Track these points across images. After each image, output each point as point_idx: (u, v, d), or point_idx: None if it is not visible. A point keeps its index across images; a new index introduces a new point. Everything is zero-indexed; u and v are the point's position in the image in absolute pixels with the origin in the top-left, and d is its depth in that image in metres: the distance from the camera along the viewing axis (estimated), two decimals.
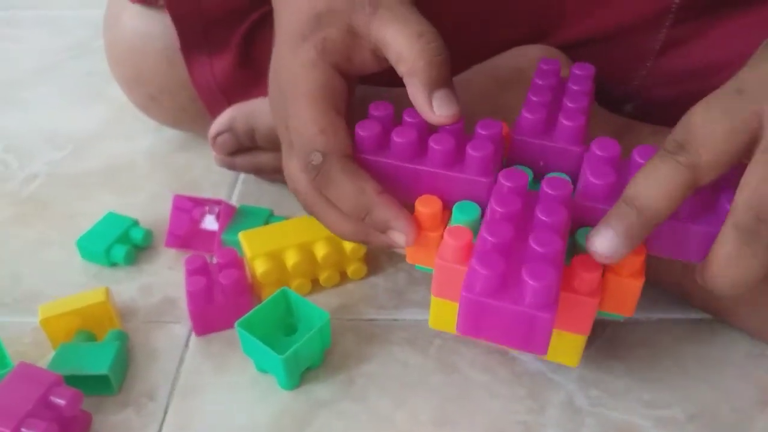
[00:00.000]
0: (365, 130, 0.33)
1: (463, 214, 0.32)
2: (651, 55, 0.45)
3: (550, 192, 0.31)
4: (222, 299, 0.41)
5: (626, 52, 0.46)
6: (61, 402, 0.34)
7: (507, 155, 0.35)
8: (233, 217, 0.48)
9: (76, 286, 0.45)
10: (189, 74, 0.48)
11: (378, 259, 0.47)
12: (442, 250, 0.31)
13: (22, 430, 0.32)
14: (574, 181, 0.33)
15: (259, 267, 0.42)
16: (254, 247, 0.43)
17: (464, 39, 0.48)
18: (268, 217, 0.49)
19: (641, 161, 0.31)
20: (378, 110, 0.34)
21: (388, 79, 0.47)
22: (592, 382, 0.38)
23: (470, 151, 0.32)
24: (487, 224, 0.30)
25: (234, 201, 0.53)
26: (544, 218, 0.30)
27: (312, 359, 0.39)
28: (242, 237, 0.44)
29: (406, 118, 0.34)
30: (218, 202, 0.48)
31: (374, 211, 0.32)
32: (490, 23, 0.48)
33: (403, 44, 0.32)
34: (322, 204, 0.34)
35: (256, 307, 0.39)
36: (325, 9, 0.34)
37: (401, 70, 0.33)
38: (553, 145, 0.33)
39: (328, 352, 0.40)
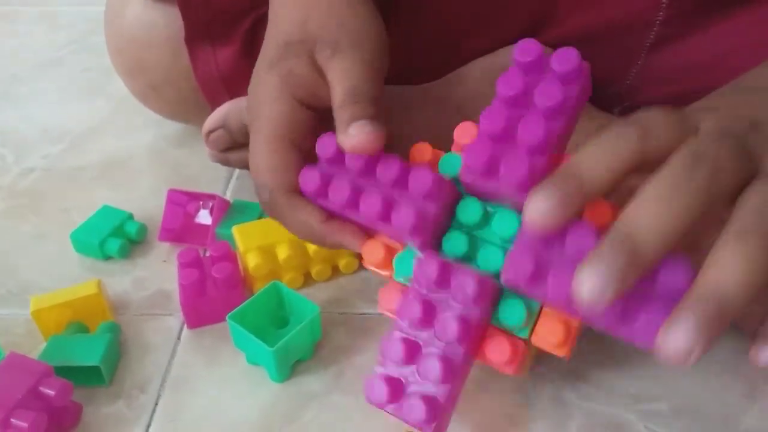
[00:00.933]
0: (307, 181, 0.33)
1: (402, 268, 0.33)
2: (642, 53, 0.45)
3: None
4: (214, 292, 0.41)
5: (617, 50, 0.46)
6: (50, 392, 0.34)
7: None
8: (227, 211, 0.49)
9: (71, 279, 0.46)
10: (192, 65, 0.49)
11: None
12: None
13: (12, 420, 0.33)
14: None
15: (251, 260, 0.42)
16: (247, 241, 0.43)
17: (456, 37, 0.48)
18: (262, 212, 0.50)
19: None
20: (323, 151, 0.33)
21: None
22: (580, 375, 0.38)
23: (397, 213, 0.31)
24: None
25: (229, 196, 0.53)
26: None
27: (303, 352, 0.39)
28: (235, 231, 0.44)
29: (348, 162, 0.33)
30: (212, 197, 0.48)
31: (324, 238, 0.35)
32: (481, 21, 0.48)
33: (338, 95, 0.34)
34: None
35: (248, 301, 0.39)
36: (296, 39, 0.35)
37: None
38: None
39: (319, 345, 0.41)
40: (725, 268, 0.23)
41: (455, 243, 0.31)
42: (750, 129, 0.27)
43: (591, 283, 0.23)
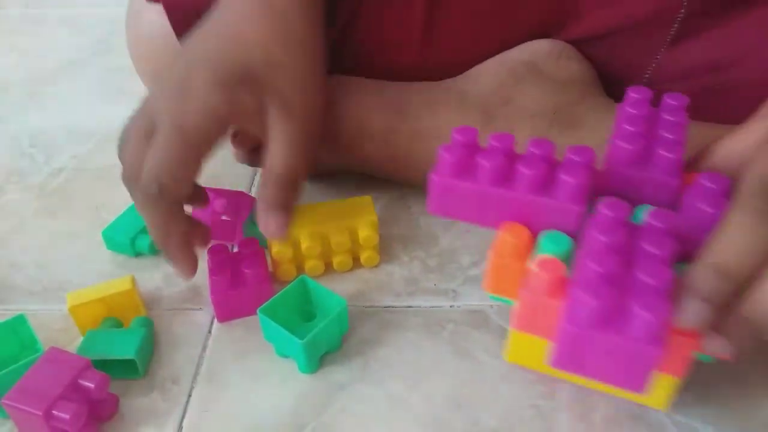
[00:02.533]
0: (450, 153, 0.32)
1: (554, 245, 0.31)
2: (661, 49, 0.46)
3: (655, 224, 0.29)
4: (244, 287, 0.42)
5: (637, 45, 0.46)
6: (90, 385, 0.35)
7: (595, 186, 0.33)
8: (253, 206, 0.50)
9: (103, 275, 0.47)
10: None
11: (393, 248, 0.48)
12: (531, 282, 0.30)
13: (54, 412, 0.34)
14: None
15: (274, 246, 0.44)
16: None
17: (476, 32, 0.49)
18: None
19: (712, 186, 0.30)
20: (462, 134, 0.33)
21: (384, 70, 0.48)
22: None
23: (563, 177, 0.30)
24: (590, 254, 0.28)
25: (253, 194, 0.54)
26: (652, 250, 0.28)
27: (330, 344, 0.40)
28: None
29: (493, 143, 0.32)
30: (239, 194, 0.49)
31: (168, 247, 0.40)
32: (501, 17, 0.48)
33: (277, 164, 0.39)
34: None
35: (277, 295, 0.40)
36: (257, 62, 0.39)
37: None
38: (650, 176, 0.32)
39: (345, 338, 0.42)
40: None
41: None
42: None
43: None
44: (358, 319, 0.43)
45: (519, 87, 0.47)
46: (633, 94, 0.36)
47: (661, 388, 0.34)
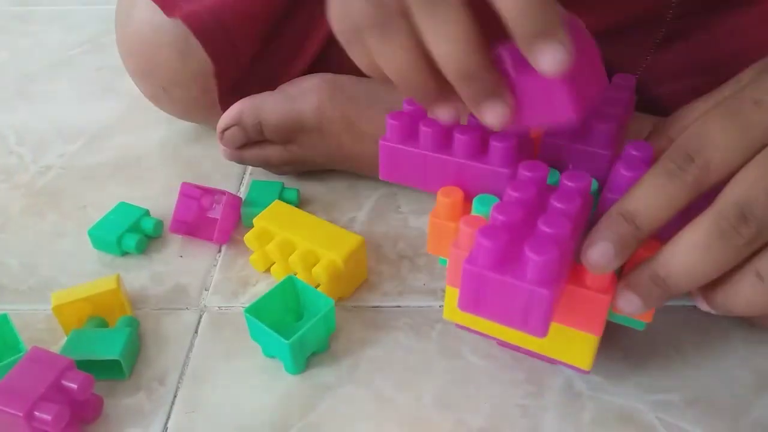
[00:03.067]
0: (396, 119, 0.34)
1: (483, 206, 0.33)
2: (651, 50, 0.45)
3: (568, 183, 0.31)
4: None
5: (626, 46, 0.46)
6: (73, 386, 0.35)
7: (536, 156, 0.35)
8: (249, 190, 0.51)
9: (89, 274, 0.47)
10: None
11: (382, 247, 0.48)
12: (457, 238, 0.32)
13: (35, 413, 0.34)
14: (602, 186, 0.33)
15: (249, 233, 0.45)
16: (262, 218, 0.45)
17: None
18: (281, 190, 0.51)
19: (636, 153, 0.31)
20: (411, 103, 0.35)
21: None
22: (591, 366, 0.39)
23: (493, 143, 0.32)
24: (498, 205, 0.30)
25: (242, 194, 0.54)
26: (557, 204, 0.30)
27: (317, 344, 0.40)
28: (271, 207, 0.46)
29: None
30: (223, 193, 0.49)
31: (482, 72, 0.27)
32: (489, 19, 0.48)
33: None
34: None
35: (264, 295, 0.40)
36: None
37: None
38: (583, 148, 0.34)
39: (333, 338, 0.41)
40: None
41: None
42: None
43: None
44: (346, 319, 0.43)
45: None
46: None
47: (581, 347, 0.34)
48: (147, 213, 0.50)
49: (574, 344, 0.35)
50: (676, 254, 0.28)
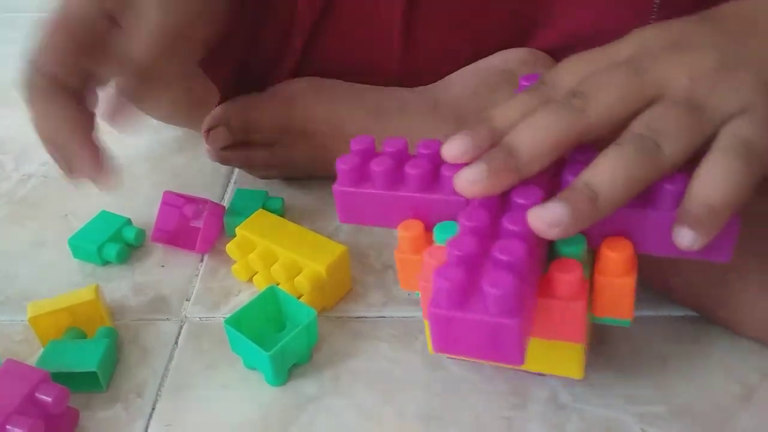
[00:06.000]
0: (346, 164, 0.34)
1: (445, 234, 0.32)
2: None
3: (519, 201, 0.30)
4: None
5: None
6: (47, 399, 0.34)
7: None
8: (233, 198, 0.50)
9: (70, 285, 0.46)
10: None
11: (367, 256, 0.47)
12: (424, 271, 0.32)
13: (8, 427, 0.33)
14: None
15: (231, 242, 0.45)
16: (245, 227, 0.45)
17: (449, 39, 0.49)
18: (266, 199, 0.51)
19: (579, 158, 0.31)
20: (358, 144, 0.35)
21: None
22: (574, 378, 0.38)
23: (445, 173, 0.32)
24: (452, 238, 0.29)
25: (225, 202, 0.54)
26: (510, 227, 0.29)
27: (299, 356, 0.39)
28: (254, 216, 0.46)
29: (386, 148, 0.34)
30: (206, 201, 0.48)
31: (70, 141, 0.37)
32: (472, 25, 0.48)
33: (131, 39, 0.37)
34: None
35: (244, 305, 0.39)
36: None
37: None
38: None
39: (315, 349, 0.41)
40: (597, 167, 0.28)
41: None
42: (667, 48, 0.30)
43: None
44: (329, 329, 0.42)
45: (494, 95, 0.47)
46: (524, 82, 0.38)
47: (568, 357, 0.34)
48: (129, 222, 0.50)
49: (560, 355, 0.34)
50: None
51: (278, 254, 0.43)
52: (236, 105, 0.50)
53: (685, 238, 0.28)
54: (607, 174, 0.28)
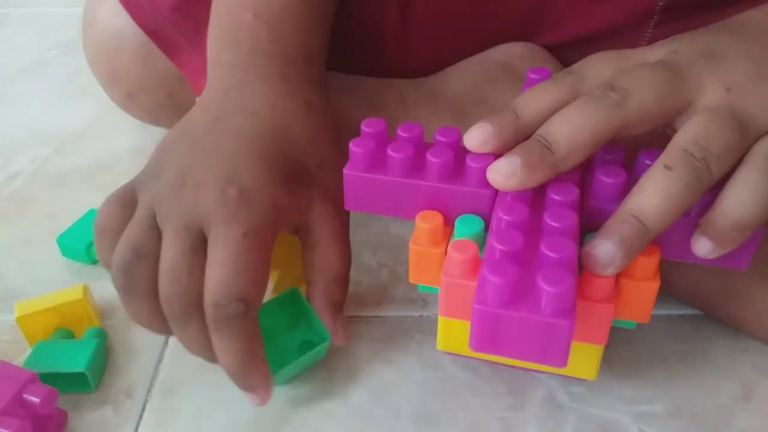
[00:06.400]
0: (360, 147, 0.32)
1: (467, 228, 0.31)
2: None
3: (556, 198, 0.30)
4: None
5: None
6: (35, 400, 0.34)
7: None
8: None
9: (58, 283, 0.45)
10: (182, 73, 0.47)
11: (362, 255, 0.47)
12: (448, 265, 0.30)
13: None
14: None
15: None
16: None
17: (450, 36, 0.48)
18: None
19: (648, 163, 0.30)
20: (370, 126, 0.33)
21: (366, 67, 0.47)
22: (574, 378, 0.38)
23: (470, 163, 0.31)
24: (494, 233, 0.28)
25: None
26: (554, 224, 0.29)
27: (302, 371, 0.38)
28: None
29: (401, 133, 0.33)
30: None
31: (250, 375, 0.33)
32: (476, 23, 0.47)
33: (327, 254, 0.36)
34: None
35: (265, 303, 0.37)
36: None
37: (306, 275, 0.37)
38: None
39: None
40: (646, 195, 0.27)
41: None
42: (701, 58, 0.30)
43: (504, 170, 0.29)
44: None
45: (494, 87, 0.46)
46: (532, 74, 0.37)
47: (586, 358, 0.33)
48: None
49: (578, 356, 0.33)
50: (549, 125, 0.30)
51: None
52: None
53: (703, 247, 0.28)
54: (656, 205, 0.27)
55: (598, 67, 0.31)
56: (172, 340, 0.41)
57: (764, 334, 0.38)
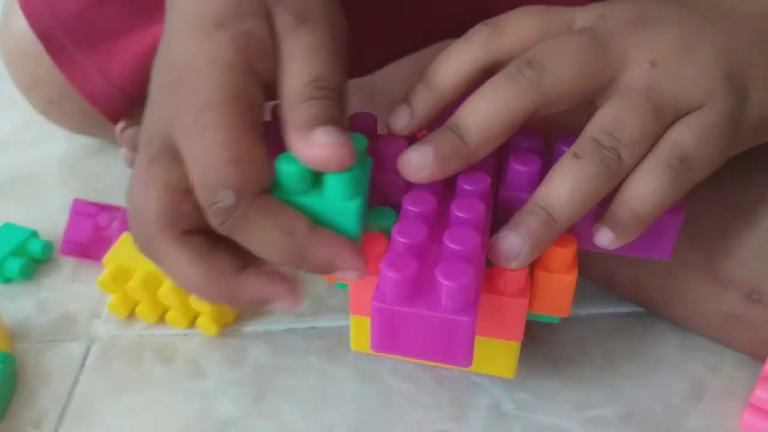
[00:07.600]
0: None
1: (380, 220, 0.29)
2: None
3: (467, 187, 0.28)
4: None
5: None
6: None
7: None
8: None
9: None
10: (70, 83, 0.43)
11: None
12: None
13: None
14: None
15: (102, 276, 0.39)
16: (114, 256, 0.40)
17: (409, 12, 0.46)
18: None
19: (565, 149, 0.28)
20: (360, 121, 0.32)
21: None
22: (519, 384, 0.36)
23: (384, 151, 0.29)
24: (397, 225, 0.27)
25: None
26: (460, 214, 0.27)
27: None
28: (120, 240, 0.41)
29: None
30: (119, 209, 0.44)
31: (311, 253, 0.25)
32: (412, 19, 0.45)
33: (297, 79, 0.26)
34: None
35: None
36: None
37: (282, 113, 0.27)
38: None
39: (237, 365, 0.37)
40: (554, 185, 0.26)
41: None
42: (630, 24, 0.28)
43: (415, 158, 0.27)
44: (254, 345, 0.39)
45: None
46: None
47: (503, 356, 0.32)
48: (35, 234, 0.45)
49: (495, 354, 0.32)
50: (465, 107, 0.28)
51: (162, 276, 0.38)
52: None
53: (605, 237, 0.27)
54: (564, 196, 0.26)
55: (520, 23, 0.29)
56: (90, 362, 0.38)
57: (710, 332, 0.37)
